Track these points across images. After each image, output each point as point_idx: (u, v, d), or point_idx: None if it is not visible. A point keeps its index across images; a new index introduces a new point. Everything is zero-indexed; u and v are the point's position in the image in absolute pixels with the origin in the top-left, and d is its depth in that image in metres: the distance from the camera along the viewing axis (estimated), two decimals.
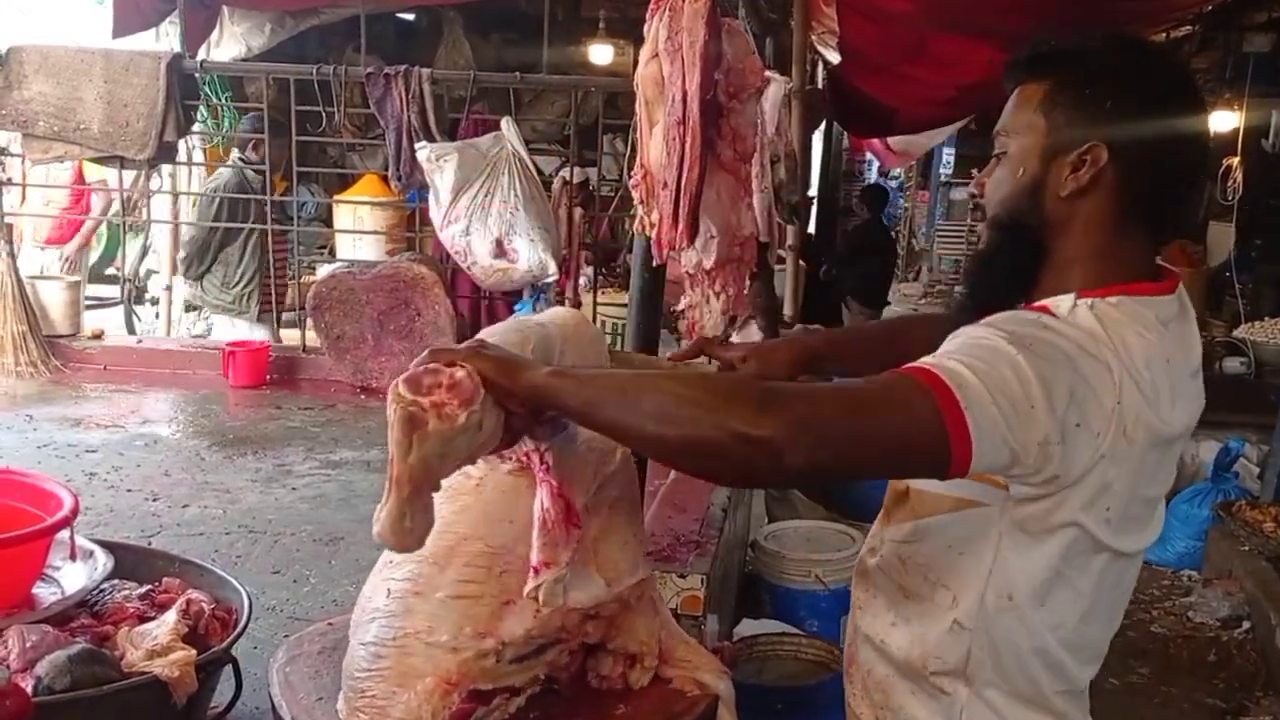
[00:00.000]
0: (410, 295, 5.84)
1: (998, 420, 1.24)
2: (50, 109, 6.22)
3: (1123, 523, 1.39)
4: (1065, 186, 1.42)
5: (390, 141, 6.08)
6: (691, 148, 2.65)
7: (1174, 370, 1.39)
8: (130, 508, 4.17)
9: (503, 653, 1.69)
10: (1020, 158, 1.47)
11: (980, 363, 1.25)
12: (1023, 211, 1.46)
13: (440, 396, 1.35)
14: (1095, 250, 1.43)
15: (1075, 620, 1.44)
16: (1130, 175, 1.41)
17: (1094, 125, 1.41)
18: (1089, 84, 1.43)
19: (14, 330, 6.21)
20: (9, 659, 2.22)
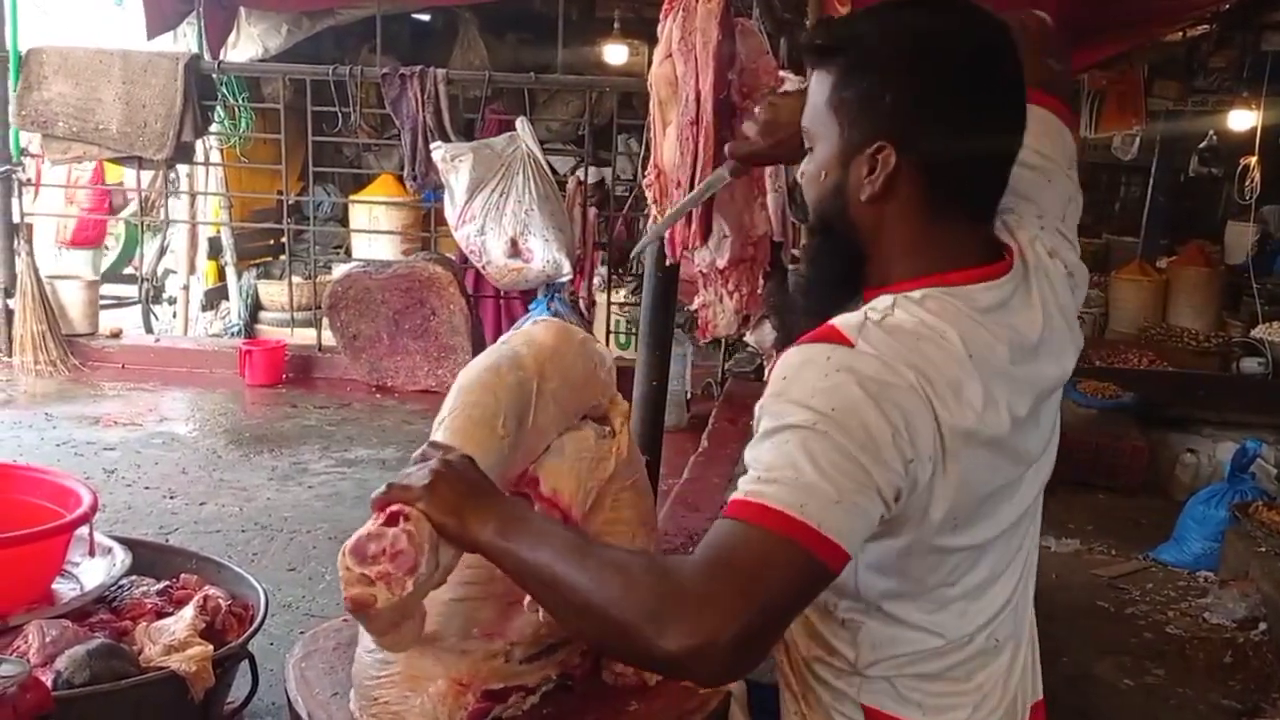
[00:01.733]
0: (425, 295, 5.86)
1: (852, 512, 1.20)
2: (69, 109, 6.27)
3: (967, 523, 1.35)
4: (863, 191, 1.34)
5: (405, 142, 6.10)
6: (705, 147, 2.66)
7: (988, 364, 1.31)
8: (148, 505, 4.19)
9: (512, 653, 1.70)
10: (821, 160, 1.39)
11: (804, 465, 1.19)
12: (831, 216, 1.40)
13: (385, 567, 1.36)
14: (908, 245, 1.36)
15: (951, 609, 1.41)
16: (928, 169, 1.33)
17: (878, 123, 1.32)
18: (866, 75, 1.33)
19: (34, 329, 6.26)
20: (29, 653, 2.24)
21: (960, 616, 1.42)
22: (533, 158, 5.71)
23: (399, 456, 4.97)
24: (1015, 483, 1.41)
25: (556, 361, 1.73)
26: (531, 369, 1.69)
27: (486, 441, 1.60)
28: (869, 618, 1.40)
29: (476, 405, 1.62)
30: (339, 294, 5.96)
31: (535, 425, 1.68)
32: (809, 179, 1.42)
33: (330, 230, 9.06)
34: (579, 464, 1.75)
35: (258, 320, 8.47)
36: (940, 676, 1.43)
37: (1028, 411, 1.37)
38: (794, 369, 1.26)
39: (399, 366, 6.10)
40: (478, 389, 1.65)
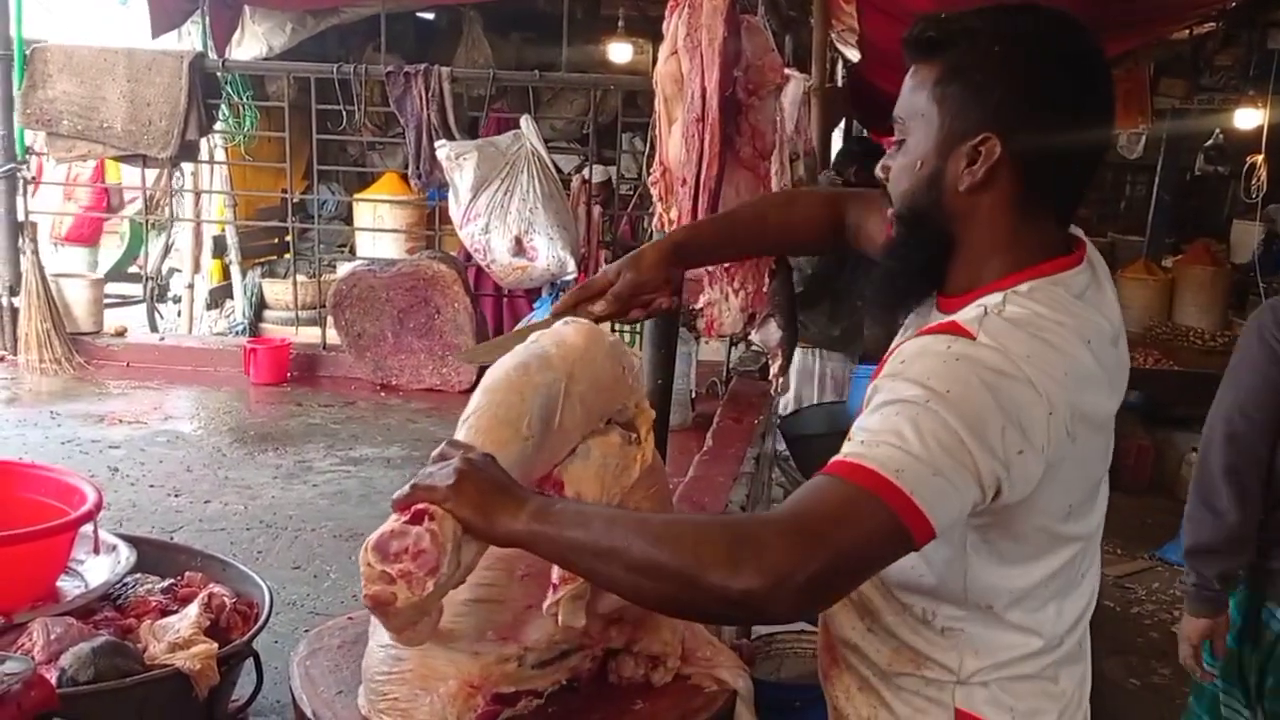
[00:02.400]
0: (430, 293, 5.85)
1: (945, 489, 1.23)
2: (74, 108, 6.27)
3: (1080, 509, 1.41)
4: (962, 181, 1.38)
5: (410, 140, 6.10)
6: (710, 145, 2.66)
7: (1096, 348, 1.36)
8: (153, 503, 4.19)
9: (525, 657, 1.70)
10: (917, 150, 1.42)
11: (909, 435, 1.23)
12: (924, 207, 1.43)
13: (407, 565, 1.37)
14: (1003, 239, 1.40)
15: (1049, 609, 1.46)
16: (1029, 163, 1.37)
17: (985, 115, 1.36)
18: (978, 69, 1.37)
19: (38, 327, 6.25)
20: (34, 651, 2.24)
21: (1057, 616, 1.46)
22: (537, 156, 5.70)
23: (404, 455, 4.97)
24: (1101, 480, 1.48)
25: (586, 363, 1.72)
26: (560, 370, 1.68)
27: (510, 442, 1.59)
28: (972, 623, 1.44)
29: (502, 405, 1.62)
30: (343, 292, 5.96)
31: (561, 427, 1.67)
32: (901, 170, 1.45)
33: (335, 229, 9.07)
34: (604, 470, 1.74)
35: (262, 319, 8.48)
36: (1034, 678, 1.48)
37: (1119, 394, 1.44)
38: (912, 355, 1.32)
39: (404, 365, 6.09)
40: (504, 388, 1.64)
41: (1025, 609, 1.43)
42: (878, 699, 1.55)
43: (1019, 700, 1.47)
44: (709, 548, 1.20)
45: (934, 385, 1.26)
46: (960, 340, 1.30)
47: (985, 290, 1.39)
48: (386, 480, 4.57)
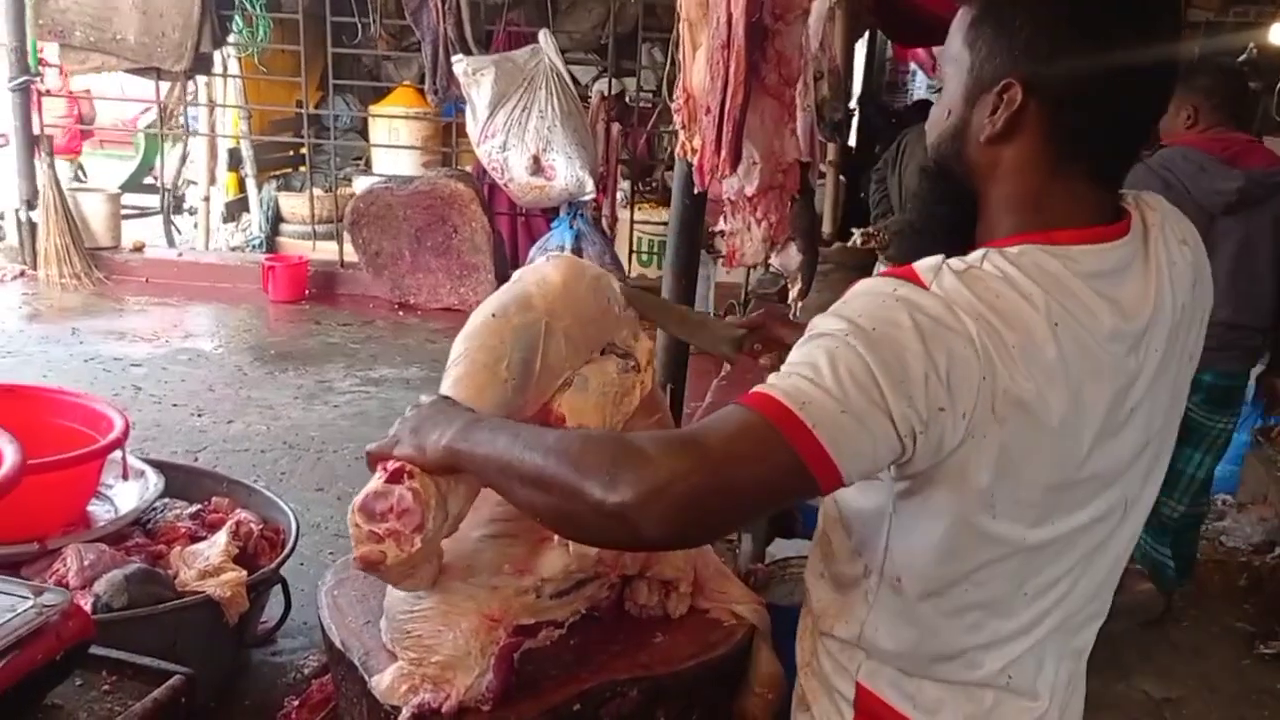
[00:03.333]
0: (447, 212, 5.83)
1: (854, 429, 1.13)
2: (86, 19, 6.20)
3: (1005, 508, 1.23)
4: (984, 130, 1.26)
5: (426, 54, 6.02)
6: (736, 73, 2.62)
7: (1066, 337, 1.19)
8: (176, 423, 4.24)
9: (542, 589, 1.72)
10: (948, 98, 1.31)
11: (824, 368, 1.13)
12: (948, 158, 1.33)
13: (393, 524, 1.39)
14: (1026, 198, 1.27)
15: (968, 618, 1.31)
16: (1056, 113, 1.23)
17: (1009, 58, 1.23)
18: (1009, 8, 1.24)
19: (57, 242, 6.27)
20: (67, 577, 2.29)
21: (975, 629, 1.31)
22: (556, 72, 5.62)
23: (423, 376, 5.00)
24: (1081, 497, 1.28)
25: (567, 299, 1.73)
26: (540, 308, 1.69)
27: (489, 385, 1.61)
28: (882, 595, 1.33)
29: (480, 349, 1.64)
30: (361, 210, 5.94)
31: (546, 365, 1.69)
32: (932, 120, 1.36)
33: (350, 144, 8.98)
34: (603, 398, 1.76)
35: (279, 232, 8.45)
36: (942, 682, 1.35)
37: (1106, 407, 1.23)
38: (856, 294, 1.21)
39: (421, 284, 6.10)
40: (481, 334, 1.67)
41: (938, 606, 1.29)
42: (812, 648, 1.47)
43: (922, 691, 1.35)
44: (592, 459, 1.14)
45: (861, 321, 1.15)
46: (908, 285, 1.18)
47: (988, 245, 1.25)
48: (406, 401, 4.53)
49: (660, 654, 1.82)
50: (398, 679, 1.66)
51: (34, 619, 1.69)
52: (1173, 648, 4.04)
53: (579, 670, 1.75)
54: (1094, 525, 1.29)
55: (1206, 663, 3.98)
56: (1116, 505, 1.31)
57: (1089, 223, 1.25)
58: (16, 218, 6.49)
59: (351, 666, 1.74)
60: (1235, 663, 4.00)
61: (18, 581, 1.87)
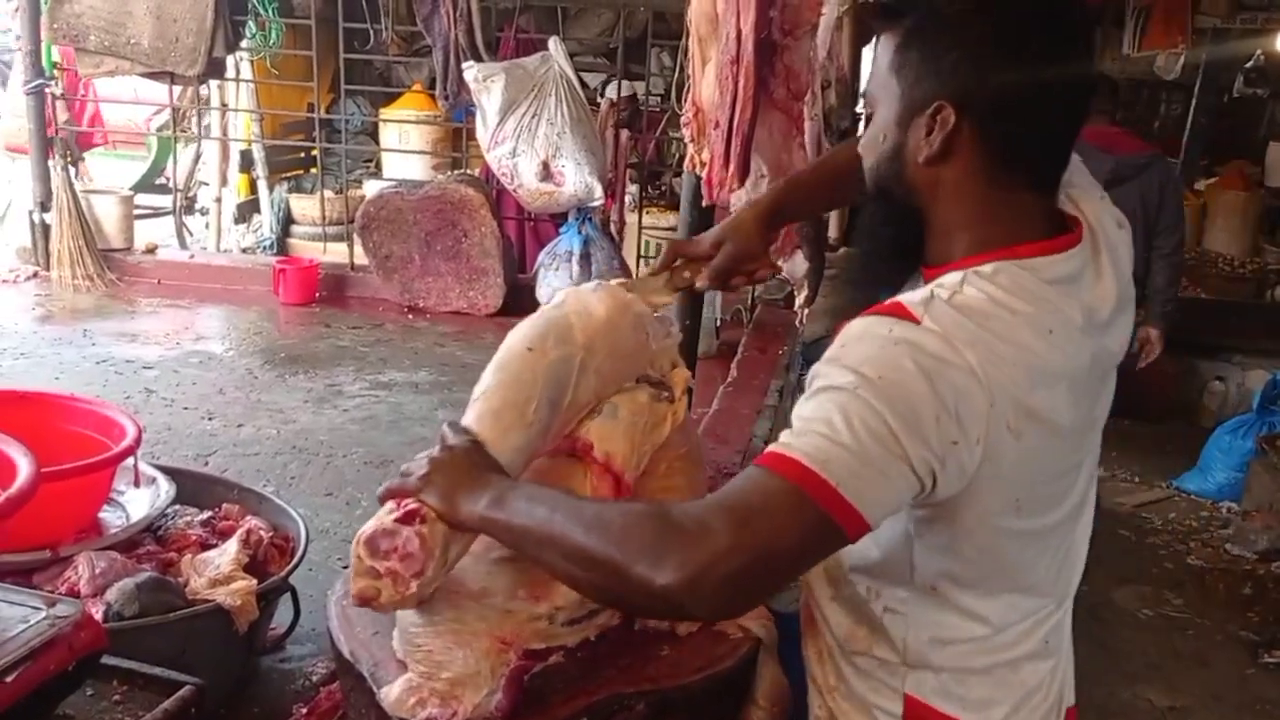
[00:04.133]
0: (457, 217, 5.86)
1: (876, 480, 1.18)
2: (101, 23, 6.24)
3: (1030, 506, 1.32)
4: (921, 152, 1.29)
5: (437, 60, 6.04)
6: (744, 88, 2.63)
7: (1061, 341, 1.27)
8: (187, 426, 4.26)
9: (555, 616, 1.73)
10: (881, 123, 1.34)
11: (838, 424, 1.17)
12: (889, 181, 1.36)
13: (394, 565, 1.41)
14: (971, 214, 1.31)
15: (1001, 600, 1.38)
16: (989, 131, 1.27)
17: (938, 81, 1.27)
18: (933, 30, 1.28)
19: (70, 244, 6.31)
20: (79, 584, 2.31)
21: (1009, 609, 1.39)
22: (565, 79, 5.64)
23: (432, 380, 5.02)
24: (1075, 466, 1.38)
25: (607, 334, 1.70)
26: (579, 342, 1.67)
27: (515, 426, 1.59)
28: (918, 606, 1.38)
29: (513, 385, 1.62)
30: (371, 214, 5.97)
31: (572, 402, 1.68)
32: (868, 144, 1.39)
33: (360, 148, 9.01)
34: (632, 428, 1.75)
35: (289, 234, 8.49)
36: (988, 671, 1.41)
37: (1090, 394, 1.34)
38: (853, 338, 1.25)
39: (430, 288, 6.12)
40: (515, 367, 1.64)
41: (975, 595, 1.37)
42: (837, 672, 1.50)
43: (969, 690, 1.41)
44: (634, 539, 1.19)
45: (866, 371, 1.19)
46: (903, 324, 1.22)
47: (955, 265, 1.30)
48: (416, 406, 4.64)
49: (666, 668, 1.83)
50: (406, 691, 1.67)
51: (47, 630, 1.71)
52: (1177, 656, 4.06)
53: (585, 684, 1.76)
54: (1086, 487, 1.42)
55: (1211, 671, 4.00)
56: (1092, 459, 1.43)
57: (1044, 234, 1.32)
58: (30, 219, 6.53)
59: (360, 677, 1.75)
60: (1240, 672, 4.02)
61: (30, 592, 1.89)
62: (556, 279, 5.94)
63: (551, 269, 5.96)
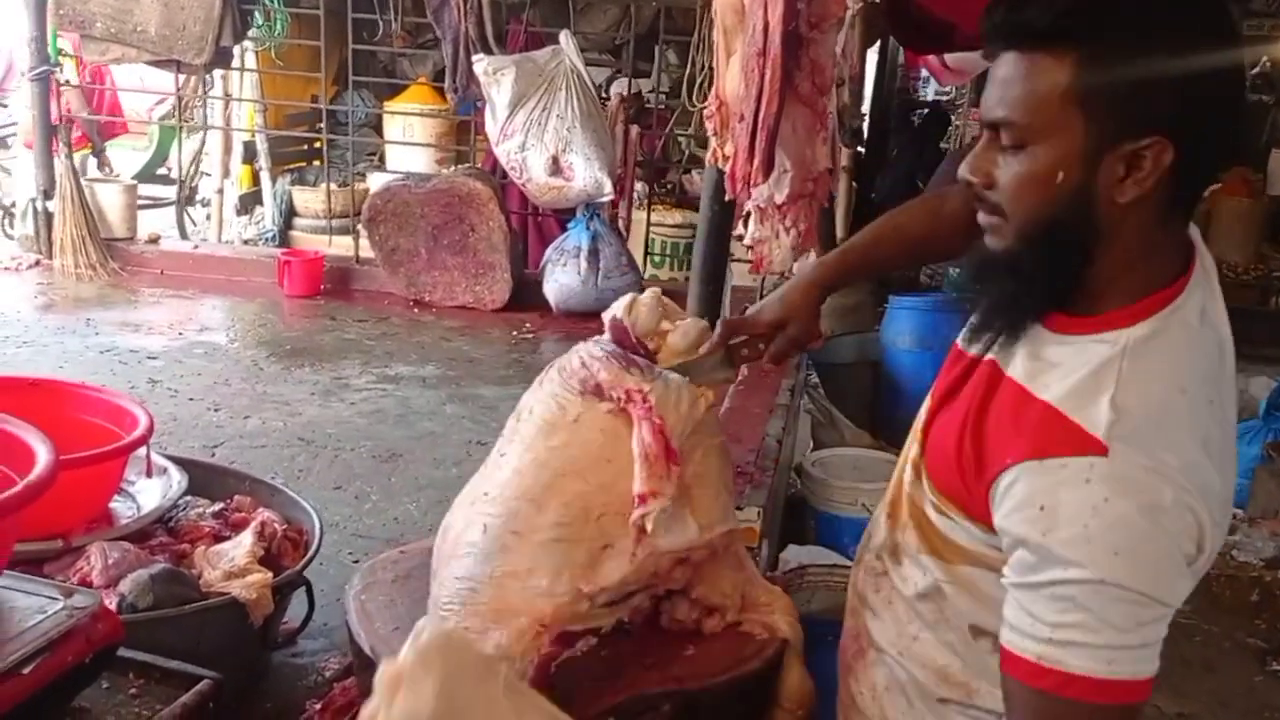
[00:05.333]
0: (464, 211, 5.82)
1: (1153, 648, 1.17)
2: (108, 10, 6.20)
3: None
4: (1125, 192, 1.17)
5: (447, 53, 6.01)
6: (771, 81, 2.61)
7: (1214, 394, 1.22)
8: (193, 417, 4.23)
9: (597, 597, 1.71)
10: (1055, 161, 1.19)
11: (1099, 624, 1.14)
12: (1066, 223, 1.21)
13: None
14: (1144, 252, 1.22)
15: None
16: (1190, 165, 1.17)
17: (1152, 115, 1.14)
18: (1134, 58, 1.13)
19: (73, 233, 6.26)
20: (91, 575, 2.28)
21: None
22: (576, 73, 5.61)
23: (439, 375, 4.99)
24: None
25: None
26: None
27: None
28: None
29: None
30: (378, 207, 5.93)
31: None
32: (1028, 181, 1.22)
33: (365, 140, 8.98)
34: (681, 399, 1.72)
35: (292, 226, 8.46)
36: None
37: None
38: (1056, 506, 1.16)
39: (437, 282, 6.09)
40: None
41: None
42: (910, 710, 1.46)
43: None
44: None
45: (1099, 555, 1.12)
46: (1096, 463, 1.14)
47: (1105, 325, 1.22)
48: (423, 400, 4.61)
49: (692, 667, 1.81)
50: None
51: (64, 621, 1.69)
52: (1184, 663, 4.04)
53: (610, 683, 1.74)
54: None
55: (1218, 678, 3.98)
56: None
57: (1184, 266, 1.25)
58: (33, 207, 6.49)
59: None
60: (1247, 679, 4.00)
61: (47, 582, 1.87)
62: (564, 275, 5.91)
63: (559, 265, 5.93)
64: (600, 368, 1.73)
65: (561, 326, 5.90)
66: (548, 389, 1.77)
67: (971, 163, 1.28)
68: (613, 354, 1.75)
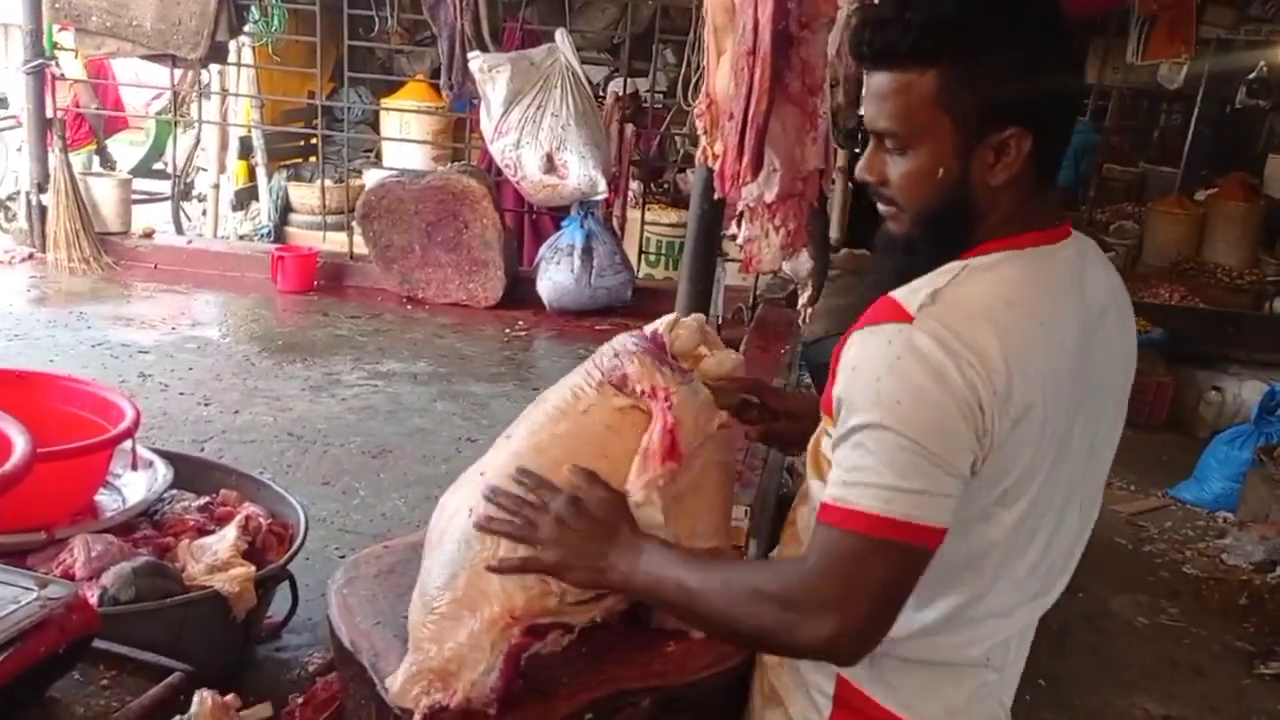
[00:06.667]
0: (458, 207, 5.82)
1: (937, 498, 1.27)
2: (103, 4, 6.19)
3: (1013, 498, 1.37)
4: (995, 176, 1.35)
5: (443, 50, 6.00)
6: (760, 80, 2.60)
7: (1057, 333, 1.34)
8: (183, 412, 4.23)
9: (565, 594, 1.71)
10: (933, 159, 1.36)
11: (882, 465, 1.26)
12: (951, 209, 1.38)
13: None
14: (1011, 213, 1.39)
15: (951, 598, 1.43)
16: (1044, 143, 1.36)
17: (1009, 111, 1.32)
18: (987, 67, 1.32)
19: (67, 227, 6.26)
20: (74, 567, 2.28)
21: (965, 609, 1.43)
22: (571, 71, 5.61)
23: (430, 371, 4.98)
24: (1058, 465, 1.39)
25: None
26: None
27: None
28: None
29: None
30: (372, 204, 5.93)
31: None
32: (913, 178, 1.38)
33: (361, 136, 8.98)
34: (699, 410, 1.74)
35: (288, 222, 8.46)
36: (924, 668, 1.46)
37: (1074, 387, 1.37)
38: (859, 362, 1.31)
39: (430, 278, 6.09)
40: None
41: (934, 585, 1.39)
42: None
43: (903, 681, 1.47)
44: (767, 614, 1.33)
45: (886, 401, 1.26)
46: (900, 331, 1.29)
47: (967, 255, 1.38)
48: (414, 397, 4.60)
49: (673, 663, 1.80)
50: (409, 680, 1.65)
51: (37, 611, 1.69)
52: (1173, 666, 4.04)
53: (590, 679, 1.74)
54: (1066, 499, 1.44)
55: (1207, 681, 3.98)
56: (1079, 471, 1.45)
57: (1050, 224, 1.41)
58: (27, 200, 6.49)
59: (360, 668, 1.72)
60: (1236, 682, 4.00)
61: (23, 573, 1.86)
62: (558, 273, 5.91)
63: (553, 263, 5.93)
64: (632, 361, 1.73)
65: (554, 324, 5.90)
66: (572, 377, 1.78)
67: (864, 165, 1.44)
68: (649, 350, 1.76)
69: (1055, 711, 3.49)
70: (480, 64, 5.56)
